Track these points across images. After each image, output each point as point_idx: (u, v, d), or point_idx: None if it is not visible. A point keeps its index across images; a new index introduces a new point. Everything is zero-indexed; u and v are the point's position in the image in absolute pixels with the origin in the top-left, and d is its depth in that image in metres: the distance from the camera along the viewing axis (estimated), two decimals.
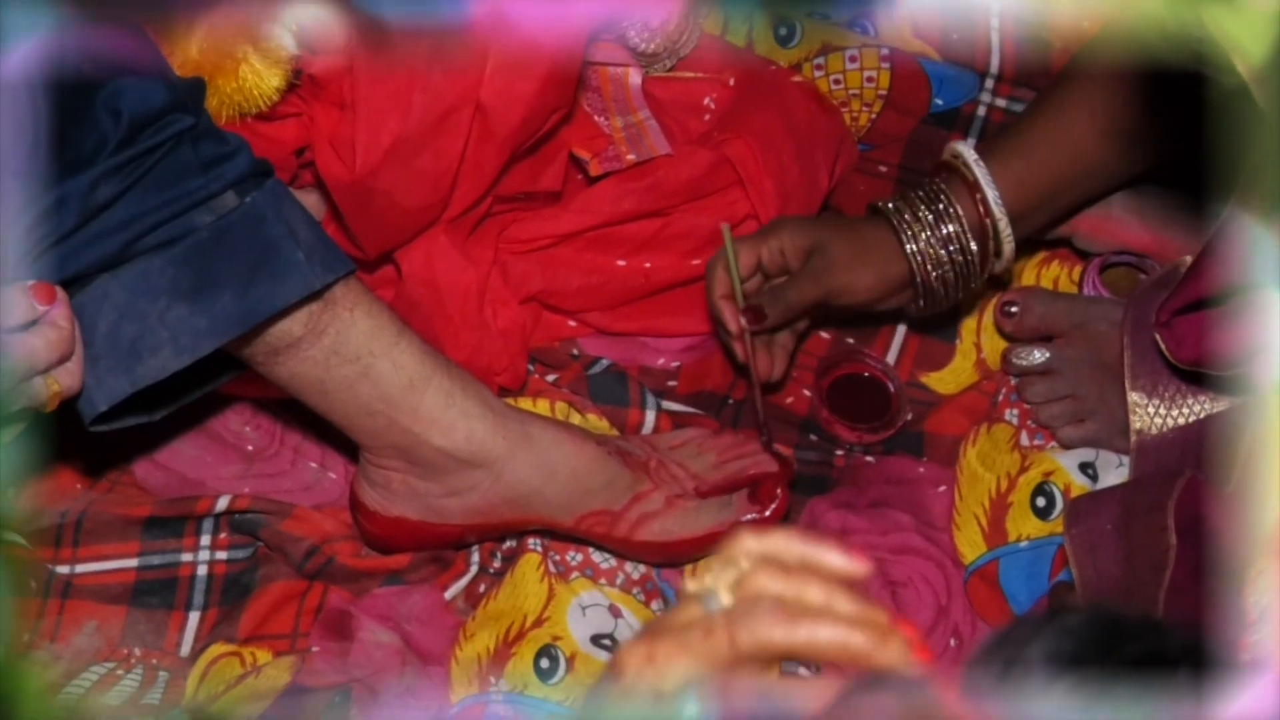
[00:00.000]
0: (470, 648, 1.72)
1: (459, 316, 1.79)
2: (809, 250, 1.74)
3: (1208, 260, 1.62)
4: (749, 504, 1.75)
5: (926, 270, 1.75)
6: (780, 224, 1.77)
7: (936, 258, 1.75)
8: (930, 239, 1.74)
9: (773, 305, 1.74)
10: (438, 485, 1.69)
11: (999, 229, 1.75)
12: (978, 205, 1.74)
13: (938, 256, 1.75)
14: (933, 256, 1.75)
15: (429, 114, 1.69)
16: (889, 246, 1.75)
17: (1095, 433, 1.81)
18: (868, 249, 1.75)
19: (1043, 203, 1.78)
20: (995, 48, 2.02)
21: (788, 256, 1.75)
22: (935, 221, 1.74)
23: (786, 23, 2.00)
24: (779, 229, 1.76)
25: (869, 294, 1.76)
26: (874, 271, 1.75)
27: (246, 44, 1.67)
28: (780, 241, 1.74)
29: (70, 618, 1.73)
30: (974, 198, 1.74)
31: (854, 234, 1.76)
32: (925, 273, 1.75)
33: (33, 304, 1.44)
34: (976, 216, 1.74)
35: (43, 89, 1.46)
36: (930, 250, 1.75)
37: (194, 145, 1.52)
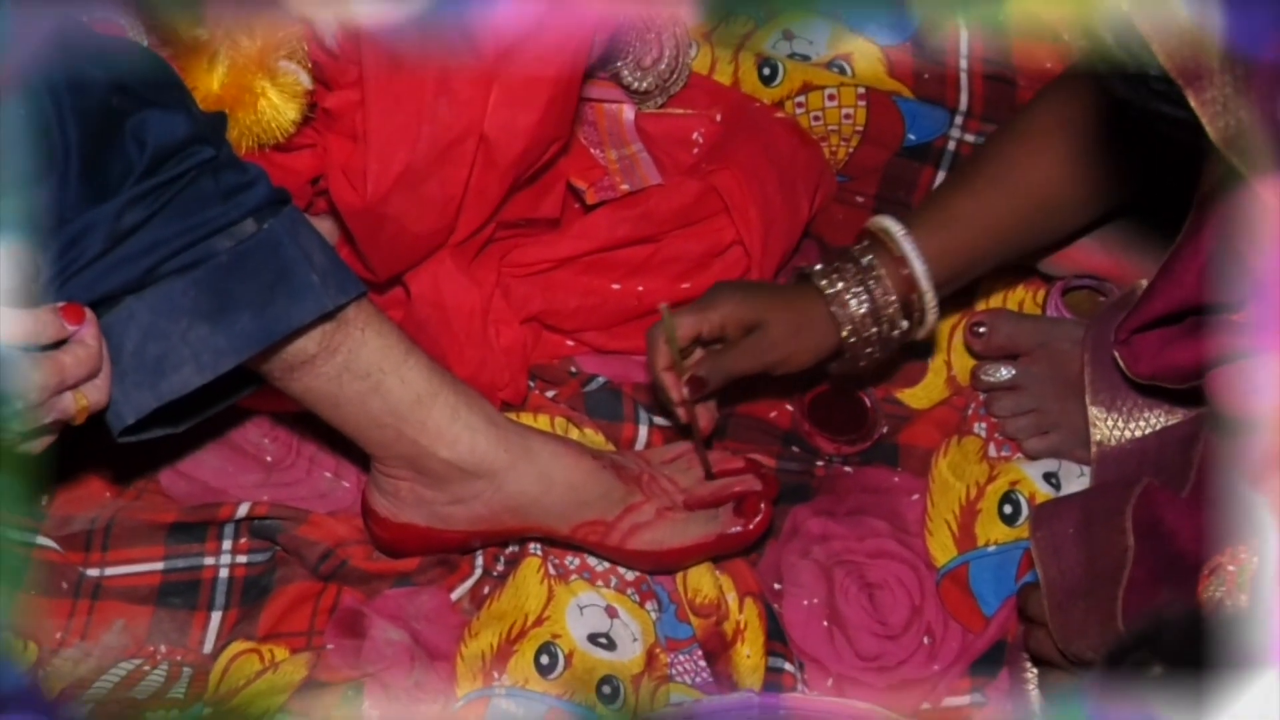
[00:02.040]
0: (475, 645, 1.70)
1: (464, 335, 1.78)
2: (748, 326, 1.71)
3: (1163, 282, 1.61)
4: (734, 517, 1.74)
5: (857, 343, 1.73)
6: (720, 297, 1.73)
7: (867, 334, 1.72)
8: (863, 317, 1.72)
9: (714, 375, 1.70)
10: (443, 494, 1.67)
11: (925, 301, 1.72)
12: (904, 280, 1.71)
13: (869, 333, 1.72)
14: (864, 332, 1.72)
15: (436, 145, 1.68)
16: (823, 321, 1.72)
17: (1058, 444, 1.81)
18: (803, 325, 1.72)
19: (967, 269, 1.76)
20: (964, 86, 2.01)
21: (727, 330, 1.72)
22: (867, 298, 1.71)
23: (770, 63, 1.99)
24: (718, 303, 1.72)
25: (804, 366, 1.74)
26: (810, 348, 1.73)
27: (265, 79, 1.66)
28: (721, 316, 1.71)
29: (100, 617, 1.71)
30: (900, 273, 1.71)
31: (791, 310, 1.72)
32: (857, 345, 1.73)
33: (63, 324, 1.43)
34: (904, 290, 1.72)
35: (74, 118, 1.45)
36: (862, 326, 1.72)
37: (215, 175, 1.51)
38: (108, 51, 1.52)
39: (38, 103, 1.46)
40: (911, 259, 1.70)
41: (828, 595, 1.75)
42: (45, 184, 1.46)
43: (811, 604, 1.74)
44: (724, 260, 1.85)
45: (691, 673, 1.71)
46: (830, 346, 1.73)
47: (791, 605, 1.74)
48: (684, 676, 1.70)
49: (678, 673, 1.71)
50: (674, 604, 1.74)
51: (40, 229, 1.48)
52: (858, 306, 1.71)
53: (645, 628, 1.72)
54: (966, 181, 1.76)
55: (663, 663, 1.71)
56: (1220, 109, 1.21)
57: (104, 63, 1.49)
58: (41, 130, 1.46)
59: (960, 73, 2.02)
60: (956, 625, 1.74)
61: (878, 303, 1.71)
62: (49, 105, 1.46)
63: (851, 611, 1.74)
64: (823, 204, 1.93)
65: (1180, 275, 1.59)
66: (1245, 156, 1.21)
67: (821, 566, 1.76)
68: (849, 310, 1.71)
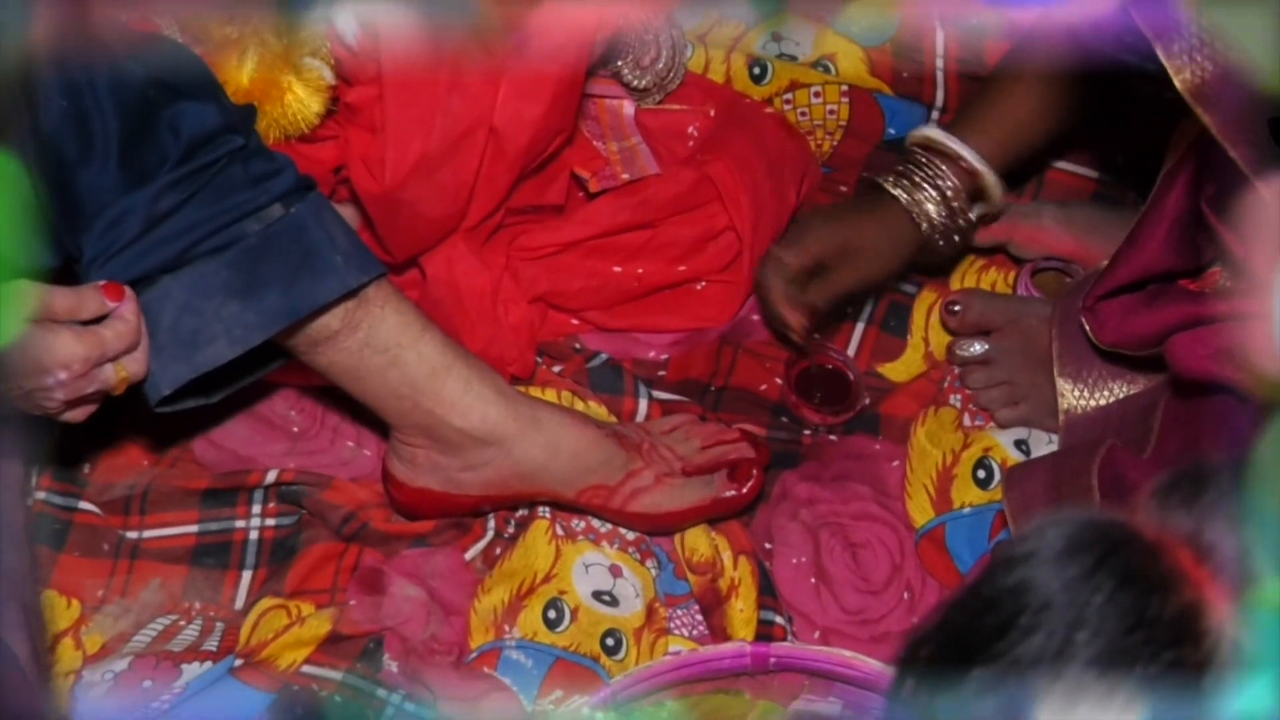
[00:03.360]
0: (487, 601, 1.70)
1: (475, 313, 1.78)
2: (845, 250, 1.77)
3: (1128, 249, 1.62)
4: (728, 482, 1.73)
5: (935, 239, 1.79)
6: (810, 230, 1.79)
7: (944, 227, 1.78)
8: (938, 210, 1.78)
9: (824, 301, 1.78)
10: (457, 460, 1.67)
11: (986, 182, 1.78)
12: (962, 171, 1.77)
13: (945, 225, 1.78)
14: (940, 226, 1.78)
15: (448, 136, 1.68)
16: (905, 225, 1.78)
17: (1028, 414, 1.81)
18: (890, 234, 1.78)
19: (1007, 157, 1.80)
20: (939, 84, 2.01)
21: (825, 257, 1.77)
22: (937, 193, 1.77)
23: (759, 63, 1.99)
24: (809, 233, 1.78)
25: (897, 270, 1.82)
26: (901, 252, 1.79)
27: (291, 75, 1.67)
28: (819, 246, 1.76)
29: (138, 576, 1.72)
30: (959, 166, 1.77)
31: (876, 224, 1.78)
32: (937, 238, 1.79)
33: (104, 301, 1.44)
34: (967, 180, 1.78)
35: (113, 109, 1.45)
36: (939, 219, 1.78)
37: (244, 163, 1.52)
38: (145, 47, 1.52)
39: (79, 94, 1.46)
40: (961, 150, 1.76)
41: (814, 554, 1.75)
42: (87, 170, 1.47)
43: (800, 562, 1.75)
44: (717, 244, 1.85)
45: (689, 626, 1.71)
46: (915, 245, 1.79)
47: (781, 563, 1.74)
48: (682, 629, 1.71)
49: (676, 626, 1.71)
50: (672, 562, 1.74)
51: (82, 212, 1.48)
52: (932, 203, 1.77)
53: (646, 584, 1.72)
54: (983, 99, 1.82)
55: (662, 617, 1.71)
56: (1185, 60, 1.21)
57: (142, 58, 1.49)
58: (83, 120, 1.46)
59: (936, 71, 2.01)
60: (934, 582, 1.74)
61: (948, 195, 1.77)
62: (90, 97, 1.46)
63: (836, 569, 1.74)
64: (809, 193, 1.92)
65: (1144, 243, 1.59)
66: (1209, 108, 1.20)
67: (809, 528, 1.76)
68: (925, 209, 1.77)
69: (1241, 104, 1.21)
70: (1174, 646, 0.81)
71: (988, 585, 0.85)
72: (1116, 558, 0.83)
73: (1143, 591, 0.82)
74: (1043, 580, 0.83)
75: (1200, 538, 0.83)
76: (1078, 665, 0.81)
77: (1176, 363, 1.50)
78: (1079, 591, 0.82)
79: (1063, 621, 0.82)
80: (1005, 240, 1.89)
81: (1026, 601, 0.83)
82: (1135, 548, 0.83)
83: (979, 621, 0.84)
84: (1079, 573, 0.83)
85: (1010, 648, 0.82)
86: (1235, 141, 1.22)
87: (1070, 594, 0.82)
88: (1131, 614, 0.81)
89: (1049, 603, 0.82)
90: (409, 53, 1.67)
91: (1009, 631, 0.83)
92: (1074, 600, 0.82)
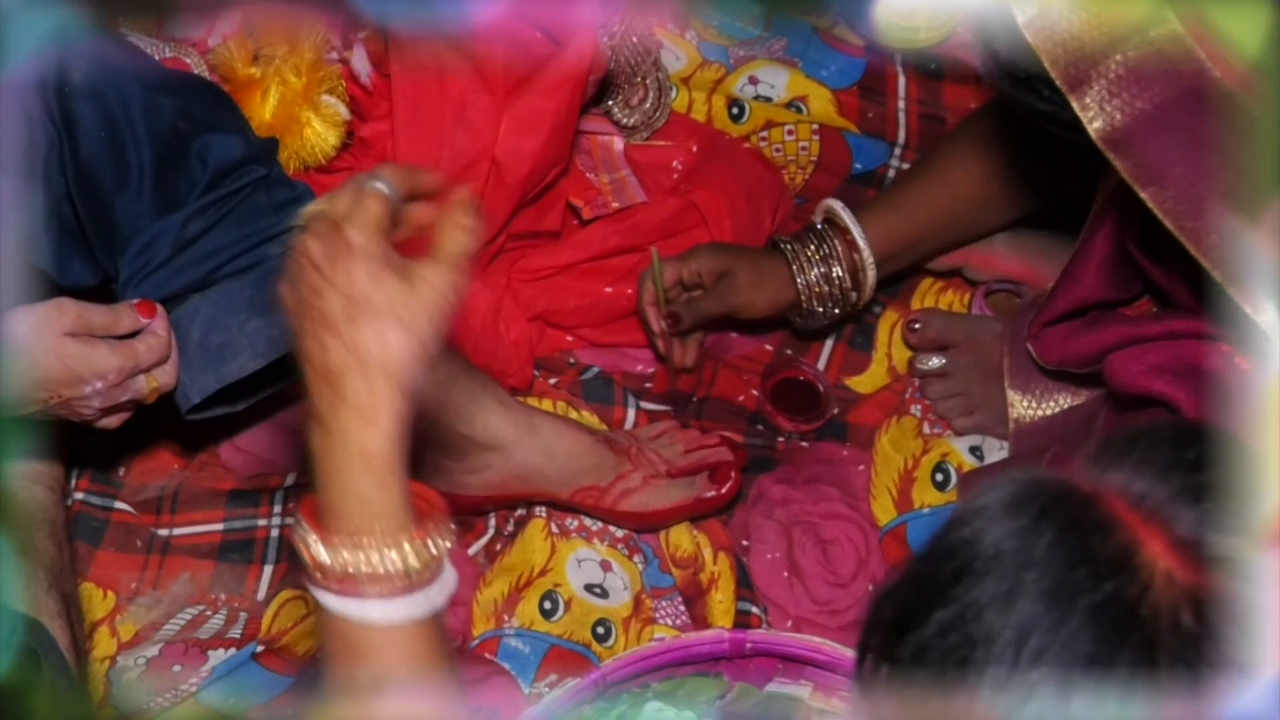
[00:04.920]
0: (488, 593, 1.69)
1: (479, 330, 1.77)
2: (720, 273, 1.74)
3: (1065, 283, 1.61)
4: (709, 483, 1.73)
5: (810, 297, 1.75)
6: (698, 250, 1.76)
7: (819, 289, 1.75)
8: (816, 273, 1.74)
9: (688, 313, 1.75)
10: (460, 464, 1.66)
11: (866, 269, 1.74)
12: (851, 250, 1.73)
13: (820, 288, 1.75)
14: (816, 287, 1.75)
15: (453, 166, 1.68)
16: (783, 276, 1.75)
17: (982, 422, 1.80)
18: (766, 277, 1.75)
19: (905, 250, 1.78)
20: (902, 124, 2.00)
21: (703, 276, 1.74)
22: (821, 260, 1.74)
23: (738, 104, 1.98)
24: (698, 254, 1.75)
25: (763, 313, 1.77)
26: (769, 296, 1.75)
27: (309, 111, 1.66)
28: (698, 264, 1.74)
29: (168, 570, 1.70)
30: (848, 246, 1.73)
31: (757, 264, 1.75)
32: (809, 299, 1.75)
33: (137, 317, 1.44)
34: (851, 260, 1.74)
35: (147, 140, 1.45)
36: (815, 281, 1.74)
37: (267, 190, 1.51)
38: (176, 84, 1.52)
39: (116, 126, 1.45)
40: (856, 234, 1.73)
41: (788, 550, 1.74)
42: (123, 196, 1.46)
43: (774, 557, 1.73)
44: None
45: (672, 615, 1.70)
46: (787, 300, 1.75)
47: (757, 558, 1.73)
48: (666, 619, 1.69)
49: (661, 615, 1.69)
50: (658, 558, 1.73)
51: (118, 235, 1.47)
52: (813, 268, 1.74)
53: (633, 578, 1.71)
54: (906, 183, 1.79)
55: (648, 607, 1.70)
56: (1097, 111, 1.21)
57: (173, 93, 1.49)
58: (119, 150, 1.45)
59: (899, 112, 2.00)
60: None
61: (829, 267, 1.74)
62: (126, 129, 1.45)
63: (808, 564, 1.73)
64: (782, 220, 1.91)
65: (1079, 277, 1.59)
66: (1120, 153, 1.21)
67: (782, 526, 1.75)
68: (805, 272, 1.74)
69: (1148, 150, 1.21)
70: (1113, 578, 0.83)
71: (945, 538, 0.88)
72: (1058, 507, 0.86)
73: (1082, 534, 0.84)
74: (993, 530, 0.86)
75: (1131, 488, 0.86)
76: (1027, 601, 0.83)
77: (1114, 378, 1.49)
78: (1026, 538, 0.84)
79: (1013, 564, 0.84)
80: (961, 265, 1.87)
81: (980, 549, 0.85)
82: (1074, 498, 0.86)
83: (938, 570, 0.86)
84: (1026, 522, 0.85)
85: (967, 590, 0.84)
86: (1144, 184, 1.22)
87: (1018, 540, 0.85)
88: (1074, 554, 0.84)
89: (1000, 549, 0.85)
90: (418, 92, 1.67)
91: (965, 576, 0.85)
92: (1022, 546, 0.84)
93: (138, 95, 1.46)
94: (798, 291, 1.75)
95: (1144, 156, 1.21)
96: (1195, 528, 0.84)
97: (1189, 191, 1.21)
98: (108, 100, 1.45)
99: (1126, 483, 0.86)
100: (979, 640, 0.83)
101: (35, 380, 1.36)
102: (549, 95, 1.69)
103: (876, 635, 0.90)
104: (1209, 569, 0.83)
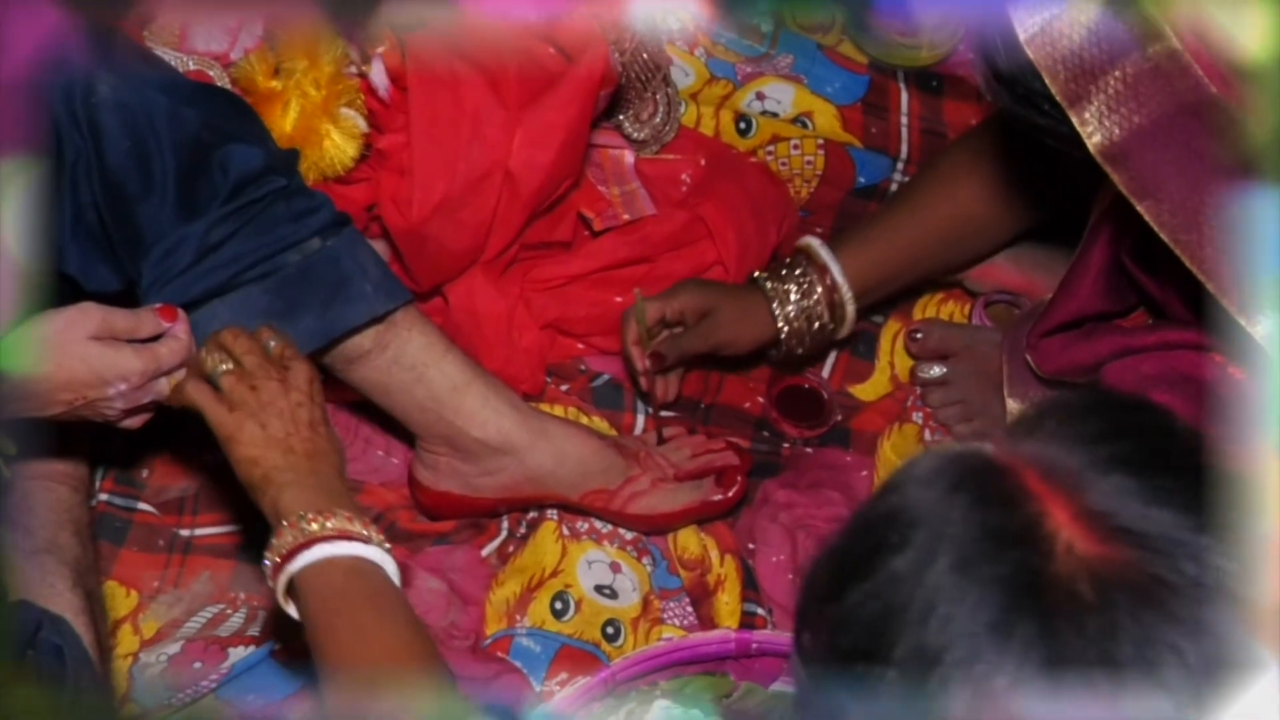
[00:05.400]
0: (501, 593, 1.69)
1: (493, 337, 1.76)
2: (703, 312, 1.72)
3: (1061, 296, 1.61)
4: (715, 487, 1.72)
5: (789, 334, 1.73)
6: (680, 289, 1.73)
7: (798, 325, 1.73)
8: (794, 310, 1.72)
9: (671, 351, 1.72)
10: (475, 467, 1.66)
11: (845, 304, 1.73)
12: (829, 288, 1.72)
13: (798, 324, 1.73)
14: (795, 324, 1.73)
15: (469, 178, 1.67)
16: (763, 313, 1.72)
17: (981, 429, 1.79)
18: (747, 315, 1.72)
19: (884, 282, 1.76)
20: (904, 139, 2.00)
21: (685, 315, 1.72)
22: (800, 298, 1.72)
23: (745, 119, 1.97)
24: (679, 292, 1.72)
25: (744, 350, 1.75)
26: (751, 334, 1.73)
27: (329, 123, 1.66)
28: (681, 303, 1.71)
29: (190, 569, 1.69)
30: (826, 282, 1.72)
31: (738, 303, 1.73)
32: (788, 335, 1.73)
33: (159, 322, 1.43)
34: (829, 296, 1.72)
35: (171, 149, 1.44)
36: (794, 318, 1.72)
37: (287, 200, 1.50)
38: (199, 95, 1.51)
39: (141, 136, 1.45)
40: (833, 270, 1.71)
41: (792, 553, 1.73)
42: (147, 204, 1.46)
43: (779, 560, 1.73)
44: (707, 276, 1.83)
45: (680, 616, 1.69)
46: (768, 336, 1.73)
47: (763, 561, 1.72)
48: (674, 619, 1.69)
49: (669, 616, 1.69)
50: (666, 559, 1.72)
51: (142, 241, 1.47)
52: (792, 305, 1.72)
53: (642, 579, 1.70)
54: (888, 212, 1.78)
55: (656, 608, 1.69)
56: (1096, 125, 1.20)
57: (196, 104, 1.48)
58: (144, 159, 1.45)
59: (901, 128, 2.00)
60: None
61: (808, 303, 1.72)
62: (151, 138, 1.45)
63: None
64: (788, 233, 1.90)
65: (1076, 289, 1.58)
66: (1118, 167, 1.20)
67: (787, 529, 1.74)
68: (785, 308, 1.72)
69: (1145, 164, 1.21)
70: (1017, 549, 0.83)
71: (866, 512, 0.89)
72: (972, 479, 0.86)
73: (992, 505, 0.85)
74: (910, 503, 0.87)
75: (1043, 459, 0.86)
76: (937, 571, 0.83)
77: (1109, 387, 1.49)
78: (940, 510, 0.85)
79: (926, 536, 0.85)
80: (962, 276, 1.87)
81: (897, 522, 0.86)
82: (988, 471, 0.87)
83: (858, 544, 0.88)
84: (941, 494, 0.86)
85: (884, 563, 0.85)
86: (1141, 197, 1.21)
87: (932, 513, 0.85)
88: (983, 525, 0.84)
89: (915, 521, 0.86)
90: (434, 105, 1.66)
91: (883, 549, 0.86)
92: (936, 518, 0.85)
93: (162, 107, 1.45)
94: (778, 329, 1.73)
95: (1141, 170, 1.21)
96: (1102, 499, 0.84)
97: (1185, 205, 1.21)
98: (133, 111, 1.45)
99: (1039, 454, 0.86)
100: (894, 610, 0.84)
101: (60, 381, 1.36)
102: (562, 109, 1.68)
103: (808, 607, 0.91)
104: (1112, 540, 0.83)
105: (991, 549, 0.83)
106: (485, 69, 1.69)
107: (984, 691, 0.81)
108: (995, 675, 0.81)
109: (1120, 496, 0.84)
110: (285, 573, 1.26)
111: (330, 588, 1.25)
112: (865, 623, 0.85)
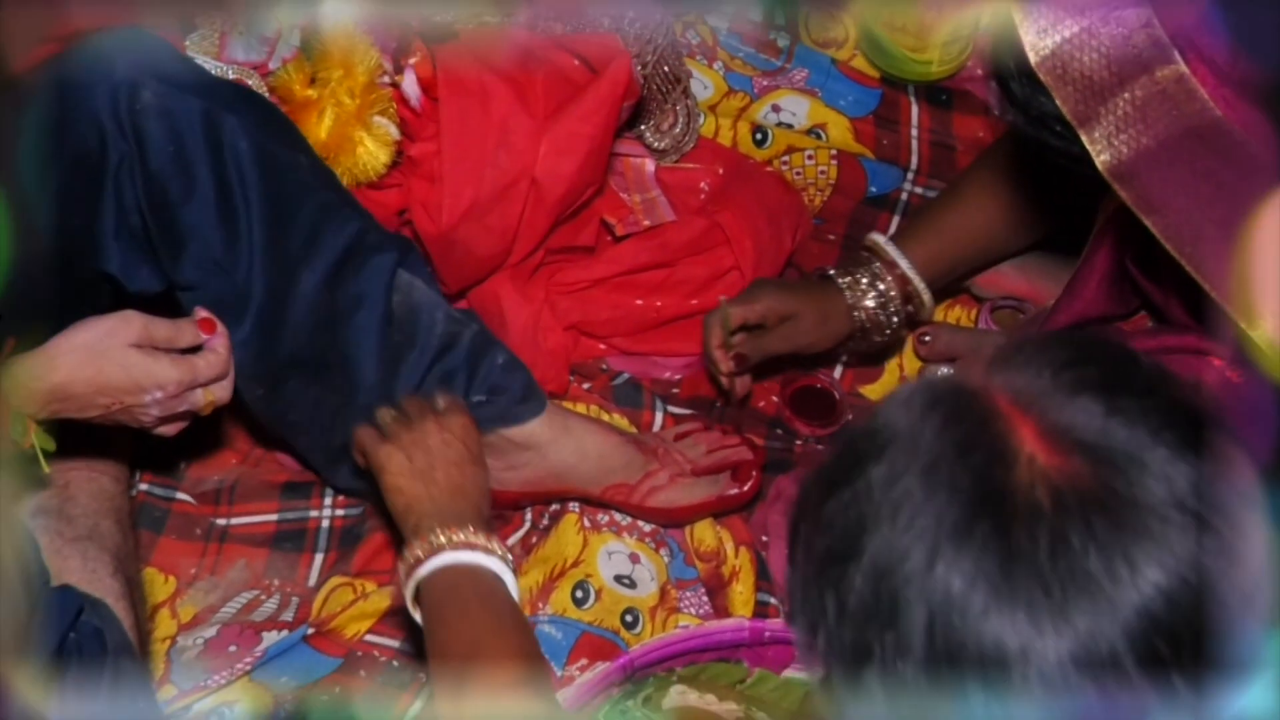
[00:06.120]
0: (524, 582, 1.67)
1: (518, 338, 1.75)
2: (784, 315, 1.71)
3: (1066, 298, 1.59)
4: (731, 481, 1.72)
5: (871, 326, 1.73)
6: (762, 292, 1.72)
7: (875, 318, 1.73)
8: (874, 309, 1.72)
9: (754, 353, 1.72)
10: (499, 462, 1.64)
11: (920, 292, 1.72)
12: (900, 279, 1.72)
13: (876, 317, 1.72)
14: (872, 317, 1.72)
15: (496, 185, 1.67)
16: (843, 313, 1.72)
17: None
18: (828, 316, 1.72)
19: (941, 275, 1.76)
20: (914, 150, 1.99)
21: (767, 318, 1.71)
22: (876, 294, 1.72)
23: (761, 130, 1.97)
24: (761, 296, 1.71)
25: (826, 348, 1.74)
26: (832, 334, 1.73)
27: (362, 131, 1.66)
28: (764, 307, 1.71)
29: (226, 557, 1.69)
30: (896, 274, 1.72)
31: (819, 304, 1.72)
32: (871, 328, 1.73)
33: (198, 334, 1.42)
34: (902, 287, 1.72)
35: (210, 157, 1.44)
36: (873, 315, 1.72)
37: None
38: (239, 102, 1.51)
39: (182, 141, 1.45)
40: (902, 264, 1.72)
41: None
42: (187, 208, 1.45)
43: None
44: (724, 281, 1.83)
45: (696, 605, 1.68)
46: (847, 332, 1.73)
47: (776, 553, 1.72)
48: (690, 608, 1.68)
49: (685, 605, 1.68)
50: (683, 551, 1.71)
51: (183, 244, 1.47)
52: (870, 301, 1.72)
53: (660, 570, 1.69)
54: (939, 212, 1.77)
55: (673, 597, 1.68)
56: (1105, 145, 1.20)
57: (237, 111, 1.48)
58: (186, 165, 1.45)
59: (912, 140, 2.00)
60: None
61: (885, 297, 1.72)
62: (191, 144, 1.45)
63: None
64: (801, 240, 1.90)
65: (1080, 292, 1.57)
66: (1125, 185, 1.20)
67: None
68: (863, 304, 1.72)
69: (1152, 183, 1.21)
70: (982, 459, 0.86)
71: (850, 431, 0.93)
72: (946, 401, 0.90)
73: (964, 422, 0.88)
74: (889, 421, 0.90)
75: (1014, 384, 0.89)
76: (908, 479, 0.87)
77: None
78: (916, 427, 0.89)
79: (902, 449, 0.88)
80: (969, 283, 1.86)
81: (876, 438, 0.89)
82: (961, 393, 0.90)
83: (841, 459, 0.91)
84: (917, 413, 0.89)
85: (862, 472, 0.88)
86: (1147, 213, 1.21)
87: (908, 428, 0.89)
88: (954, 439, 0.87)
89: (893, 437, 0.89)
90: (464, 115, 1.66)
91: (863, 461, 0.89)
92: (911, 434, 0.88)
93: (203, 113, 1.45)
94: (855, 323, 1.72)
95: (1148, 189, 1.21)
96: (1066, 417, 0.87)
97: (1190, 220, 1.20)
98: (176, 118, 1.45)
99: (1011, 380, 0.89)
100: (867, 515, 0.87)
101: (99, 386, 1.34)
102: (586, 120, 1.68)
103: (798, 519, 0.93)
104: (1072, 454, 0.85)
105: (958, 460, 0.87)
106: (513, 80, 1.69)
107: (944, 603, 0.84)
108: (953, 575, 0.84)
109: (1083, 415, 0.87)
110: (414, 578, 1.33)
111: (447, 585, 1.33)
112: (842, 526, 0.88)
